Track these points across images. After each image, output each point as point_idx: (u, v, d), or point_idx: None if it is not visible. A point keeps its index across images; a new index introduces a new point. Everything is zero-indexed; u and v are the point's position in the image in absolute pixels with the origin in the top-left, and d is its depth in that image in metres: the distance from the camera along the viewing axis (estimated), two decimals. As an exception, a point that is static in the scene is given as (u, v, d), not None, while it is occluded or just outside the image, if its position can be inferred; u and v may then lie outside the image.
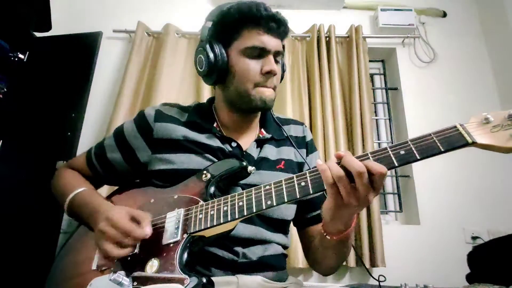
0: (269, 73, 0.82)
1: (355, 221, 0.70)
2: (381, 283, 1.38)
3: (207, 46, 0.84)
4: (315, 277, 1.75)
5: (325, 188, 0.61)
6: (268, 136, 0.92)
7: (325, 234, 0.73)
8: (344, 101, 2.00)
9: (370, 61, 2.26)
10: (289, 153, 0.93)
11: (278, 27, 0.83)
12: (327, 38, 2.11)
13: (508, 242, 1.07)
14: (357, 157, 0.60)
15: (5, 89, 2.04)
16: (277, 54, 0.85)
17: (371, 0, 2.30)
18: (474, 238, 1.77)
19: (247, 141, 0.90)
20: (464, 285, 1.00)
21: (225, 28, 0.84)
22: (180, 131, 0.88)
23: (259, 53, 0.82)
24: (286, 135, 0.95)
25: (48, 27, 2.09)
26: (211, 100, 0.99)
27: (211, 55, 0.83)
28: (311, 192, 0.62)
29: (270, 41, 0.82)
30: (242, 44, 0.82)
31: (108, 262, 0.71)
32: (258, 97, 0.83)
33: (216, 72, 0.84)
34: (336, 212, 0.65)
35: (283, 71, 0.94)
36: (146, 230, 0.69)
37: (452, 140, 0.55)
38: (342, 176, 0.58)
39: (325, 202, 0.66)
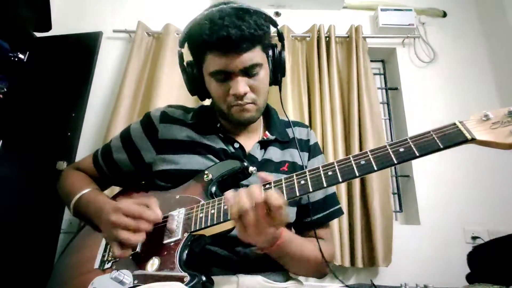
0: (236, 95, 0.79)
1: (282, 240, 0.69)
2: (381, 284, 1.38)
3: (184, 70, 0.87)
4: (315, 277, 1.75)
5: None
6: (272, 138, 0.92)
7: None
8: (343, 101, 2.00)
9: (370, 61, 2.27)
10: (293, 155, 0.92)
11: (237, 45, 0.74)
12: (327, 38, 2.11)
13: (508, 242, 1.07)
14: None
15: (5, 89, 2.04)
16: (248, 69, 0.78)
17: (371, 0, 2.30)
18: (474, 238, 1.77)
19: (250, 143, 0.90)
20: (464, 285, 0.99)
21: (192, 52, 0.85)
22: (184, 133, 0.89)
23: (224, 76, 0.78)
24: (292, 136, 0.94)
25: (48, 27, 2.10)
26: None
27: (187, 79, 0.87)
28: (310, 190, 0.62)
29: (231, 63, 0.76)
30: (208, 68, 0.80)
31: (127, 251, 0.68)
32: (236, 117, 0.83)
33: (198, 93, 0.89)
34: (245, 239, 0.64)
35: (281, 65, 0.87)
36: (157, 211, 0.69)
37: (451, 137, 0.55)
38: (247, 209, 0.58)
39: None
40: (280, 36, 0.89)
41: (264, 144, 0.91)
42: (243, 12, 0.76)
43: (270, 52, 0.86)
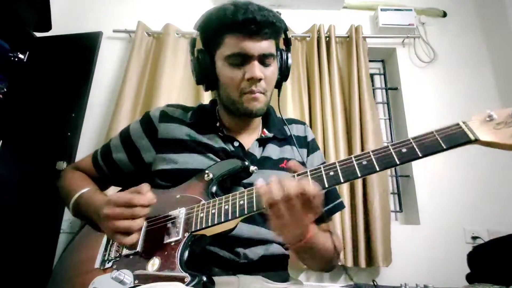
0: (252, 79, 0.80)
1: (311, 231, 0.68)
2: (381, 284, 1.39)
3: (194, 56, 0.86)
4: (315, 277, 1.75)
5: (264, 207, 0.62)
6: (270, 135, 0.92)
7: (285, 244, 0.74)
8: (343, 101, 2.01)
9: (370, 61, 2.27)
10: (291, 152, 0.93)
11: (260, 29, 0.78)
12: (327, 38, 2.11)
13: (508, 242, 1.07)
14: (298, 174, 0.64)
15: (5, 89, 2.04)
16: (265, 57, 0.81)
17: (371, 0, 2.30)
18: (474, 238, 1.77)
19: (249, 141, 0.91)
20: (464, 285, 1.00)
21: (208, 36, 0.84)
22: (184, 132, 0.89)
23: (241, 60, 0.80)
24: (289, 134, 0.94)
25: (48, 27, 2.10)
26: (214, 101, 0.99)
27: (197, 66, 0.85)
28: (326, 186, 0.61)
29: (252, 46, 0.78)
30: (224, 52, 0.80)
31: (132, 236, 0.68)
32: (245, 106, 0.82)
33: (205, 81, 0.87)
34: (280, 231, 0.65)
35: (287, 68, 0.90)
36: (149, 195, 0.69)
37: (454, 138, 0.54)
38: (284, 197, 0.59)
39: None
40: (288, 41, 0.91)
41: (262, 142, 0.91)
42: (264, 7, 0.80)
43: (279, 53, 0.88)
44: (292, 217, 0.60)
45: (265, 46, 0.80)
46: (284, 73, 0.90)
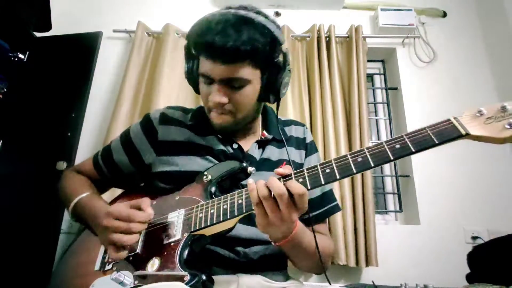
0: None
1: (296, 229, 0.68)
2: (381, 284, 1.38)
3: (186, 62, 0.87)
4: (315, 277, 1.75)
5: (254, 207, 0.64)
6: (270, 137, 0.92)
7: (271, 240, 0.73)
8: (344, 101, 2.00)
9: (370, 61, 2.27)
10: (290, 154, 0.93)
11: (221, 53, 0.72)
12: (327, 38, 2.11)
13: (508, 242, 1.07)
14: (283, 177, 0.65)
15: (5, 89, 2.04)
16: (230, 81, 0.76)
17: (371, 0, 2.30)
18: (474, 238, 1.77)
19: (248, 143, 0.91)
20: (464, 285, 1.00)
21: (190, 50, 0.84)
22: (184, 134, 0.90)
23: (209, 81, 0.79)
24: (287, 136, 0.95)
25: (48, 27, 2.10)
26: None
27: (186, 72, 0.87)
28: (308, 188, 0.62)
29: (214, 69, 0.75)
30: (199, 68, 0.81)
31: (122, 252, 0.70)
32: (212, 121, 0.84)
33: (194, 87, 0.89)
34: (265, 229, 0.66)
35: (274, 88, 0.81)
36: (148, 211, 0.71)
37: (446, 133, 0.56)
38: (266, 196, 0.61)
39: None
40: (285, 56, 0.81)
41: (262, 144, 0.92)
42: (244, 22, 0.72)
43: (267, 71, 0.80)
44: (276, 216, 0.62)
45: (229, 70, 0.74)
46: (271, 91, 0.82)
